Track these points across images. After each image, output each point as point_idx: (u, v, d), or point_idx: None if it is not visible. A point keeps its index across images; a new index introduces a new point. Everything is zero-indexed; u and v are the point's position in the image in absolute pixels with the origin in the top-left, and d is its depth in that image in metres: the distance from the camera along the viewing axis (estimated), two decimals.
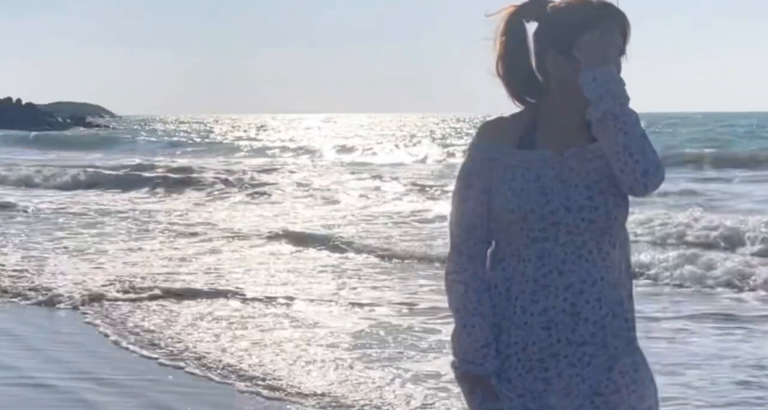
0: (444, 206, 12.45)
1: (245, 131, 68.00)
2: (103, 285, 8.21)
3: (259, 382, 5.34)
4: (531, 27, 2.23)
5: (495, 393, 2.22)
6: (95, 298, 7.71)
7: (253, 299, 7.72)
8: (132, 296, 7.81)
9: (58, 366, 5.83)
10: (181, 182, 19.95)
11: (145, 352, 6.05)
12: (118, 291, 7.97)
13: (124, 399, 5.16)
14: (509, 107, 2.29)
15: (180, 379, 5.52)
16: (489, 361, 2.22)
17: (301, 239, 11.14)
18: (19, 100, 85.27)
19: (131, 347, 6.21)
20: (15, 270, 9.02)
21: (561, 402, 2.19)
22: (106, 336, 6.56)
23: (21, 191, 19.31)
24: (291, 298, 7.74)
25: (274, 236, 11.48)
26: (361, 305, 7.47)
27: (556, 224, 2.16)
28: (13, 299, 7.80)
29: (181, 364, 5.78)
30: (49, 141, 45.13)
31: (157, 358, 5.93)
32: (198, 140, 47.02)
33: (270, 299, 7.70)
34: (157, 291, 7.93)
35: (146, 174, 21.34)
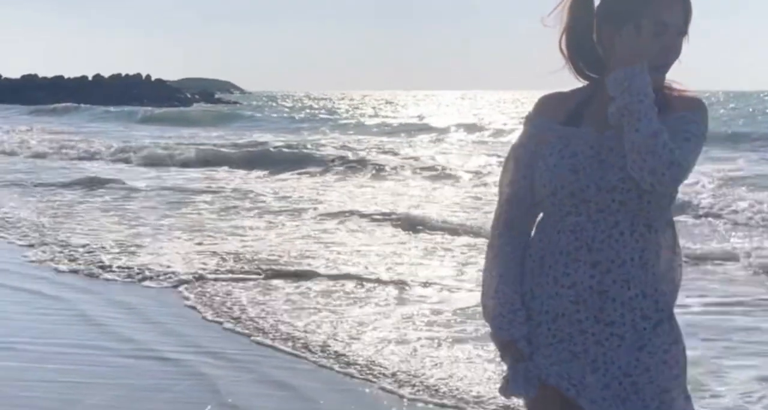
0: None
1: (374, 107, 68.34)
2: (215, 263, 8.68)
3: (391, 378, 5.43)
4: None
5: (524, 356, 2.36)
6: (202, 277, 8.10)
7: (369, 281, 7.96)
8: (242, 275, 8.16)
9: (175, 339, 6.32)
10: (299, 160, 20.19)
11: (259, 337, 6.34)
12: (228, 271, 8.34)
13: (237, 373, 5.57)
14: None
15: (289, 359, 5.87)
16: (515, 327, 2.36)
17: (418, 222, 11.21)
18: (148, 76, 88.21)
19: (237, 327, 6.63)
20: (134, 246, 9.67)
21: (589, 377, 2.30)
22: (217, 314, 7.01)
23: (135, 168, 20.11)
24: (403, 282, 7.91)
25: (391, 218, 11.58)
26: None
27: (587, 202, 2.26)
28: (128, 279, 8.24)
29: (289, 345, 6.15)
30: (166, 117, 45.99)
31: (265, 339, 6.34)
32: (323, 116, 47.40)
33: (386, 283, 7.91)
34: (268, 271, 8.26)
35: (262, 152, 21.70)
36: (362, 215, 11.93)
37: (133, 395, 5.16)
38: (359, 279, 8.01)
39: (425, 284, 7.84)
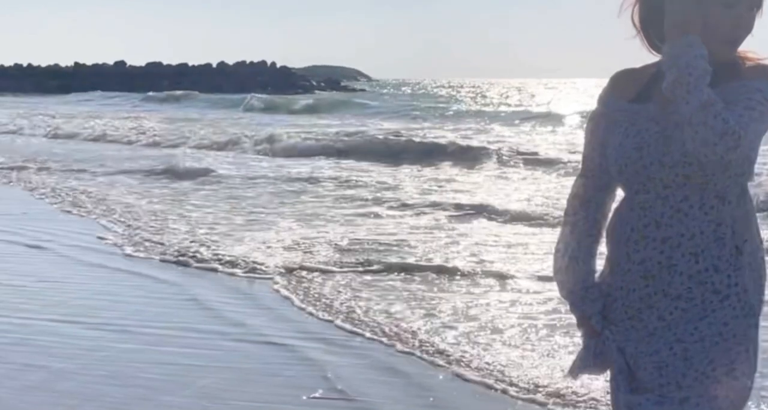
0: None
1: (505, 96, 67.85)
2: (326, 254, 8.90)
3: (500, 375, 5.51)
4: None
5: (596, 332, 2.45)
6: (309, 268, 8.28)
7: (486, 275, 8.02)
8: (351, 268, 8.30)
9: (285, 325, 6.53)
10: (422, 151, 19.83)
11: (367, 333, 6.45)
12: (334, 264, 8.46)
13: (347, 360, 5.73)
14: None
15: (400, 350, 6.02)
16: (587, 304, 2.46)
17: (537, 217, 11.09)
18: (273, 64, 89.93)
19: (345, 320, 6.81)
20: (245, 232, 9.98)
21: (639, 346, 2.37)
22: (326, 306, 7.20)
23: (243, 156, 20.52)
24: (504, 275, 7.94)
25: (516, 215, 11.35)
26: None
27: (652, 179, 2.31)
28: (234, 270, 8.47)
29: (393, 341, 6.30)
30: (280, 105, 46.45)
31: (372, 334, 6.50)
32: (446, 105, 47.00)
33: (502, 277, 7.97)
34: (379, 265, 8.35)
35: (378, 141, 21.39)
36: (492, 212, 11.66)
37: (245, 378, 5.36)
38: (480, 274, 8.07)
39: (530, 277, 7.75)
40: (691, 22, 2.23)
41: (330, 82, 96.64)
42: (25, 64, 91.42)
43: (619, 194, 2.46)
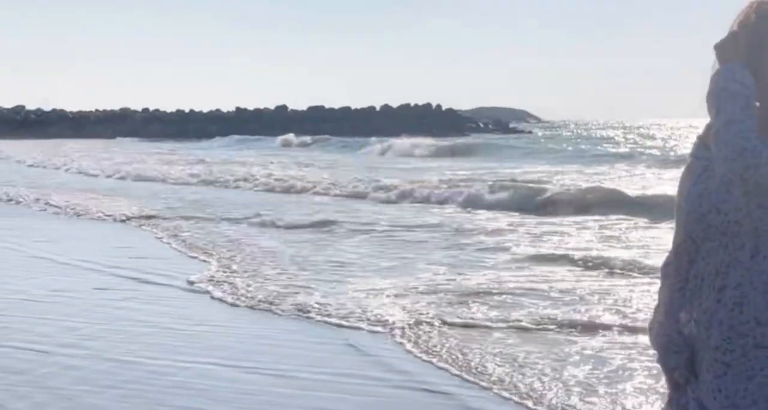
0: None
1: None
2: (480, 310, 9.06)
3: None
4: None
5: (679, 386, 2.50)
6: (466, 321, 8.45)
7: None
8: (508, 324, 8.32)
9: (442, 373, 6.70)
10: (601, 202, 18.04)
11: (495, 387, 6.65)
12: (492, 320, 8.64)
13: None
14: None
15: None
16: (670, 357, 2.50)
17: None
18: (439, 106, 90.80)
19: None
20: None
21: (692, 405, 2.45)
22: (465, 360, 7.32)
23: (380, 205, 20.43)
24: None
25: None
26: None
27: (711, 226, 2.39)
28: (392, 319, 8.77)
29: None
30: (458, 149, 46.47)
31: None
32: (641, 150, 44.47)
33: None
34: (553, 325, 8.24)
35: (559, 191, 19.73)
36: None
37: None
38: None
39: None
40: (730, 51, 2.35)
41: (498, 125, 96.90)
42: (187, 110, 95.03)
43: None
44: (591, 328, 7.82)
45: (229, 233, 14.75)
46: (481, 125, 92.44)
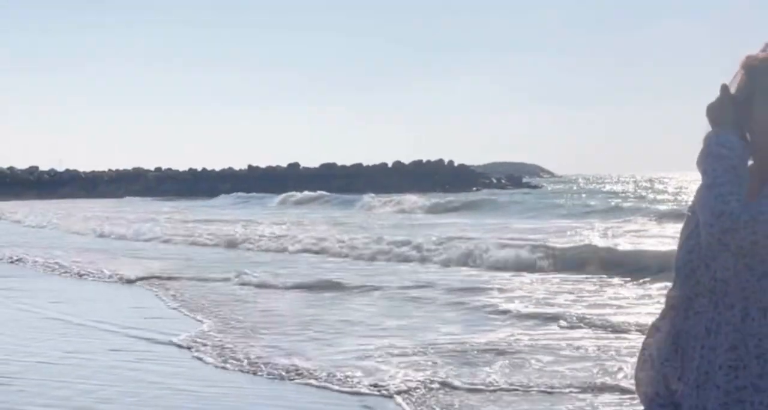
0: None
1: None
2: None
3: None
4: None
5: None
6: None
7: None
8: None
9: None
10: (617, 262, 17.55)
11: None
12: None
13: None
14: None
15: None
16: (655, 409, 2.50)
17: None
18: (451, 162, 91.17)
19: None
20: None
21: None
22: None
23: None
24: None
25: None
26: None
27: (700, 283, 2.40)
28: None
29: None
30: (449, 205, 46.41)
31: None
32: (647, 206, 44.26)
33: None
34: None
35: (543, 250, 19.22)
36: None
37: None
38: None
39: None
40: (720, 115, 2.41)
41: (512, 179, 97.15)
42: (199, 169, 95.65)
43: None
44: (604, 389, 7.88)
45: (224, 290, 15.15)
46: (494, 181, 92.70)
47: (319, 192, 62.82)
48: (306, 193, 62.66)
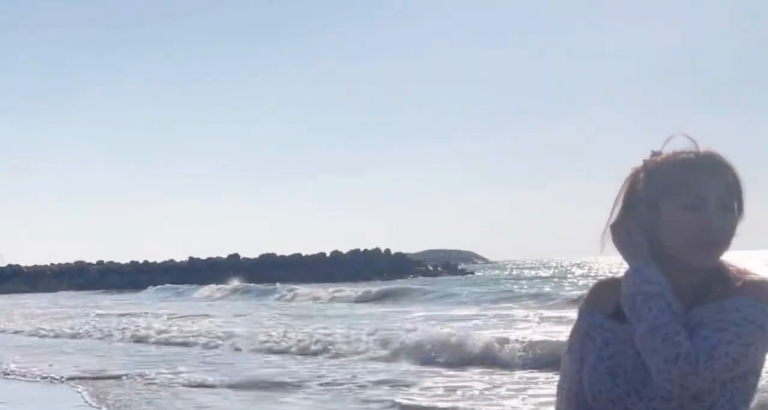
0: None
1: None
2: None
3: None
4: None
5: None
6: None
7: None
8: None
9: None
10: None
11: None
12: None
13: None
14: None
15: None
16: None
17: None
18: (388, 250, 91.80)
19: None
20: None
21: None
22: None
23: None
24: None
25: None
26: None
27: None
28: None
29: None
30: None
31: None
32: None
33: None
34: None
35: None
36: None
37: None
38: None
39: None
40: (634, 250, 2.26)
41: (447, 266, 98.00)
42: (141, 261, 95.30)
43: None
44: None
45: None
46: (431, 268, 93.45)
47: (233, 284, 62.15)
48: (228, 285, 62.01)
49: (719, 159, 2.27)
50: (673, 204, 2.23)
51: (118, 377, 16.91)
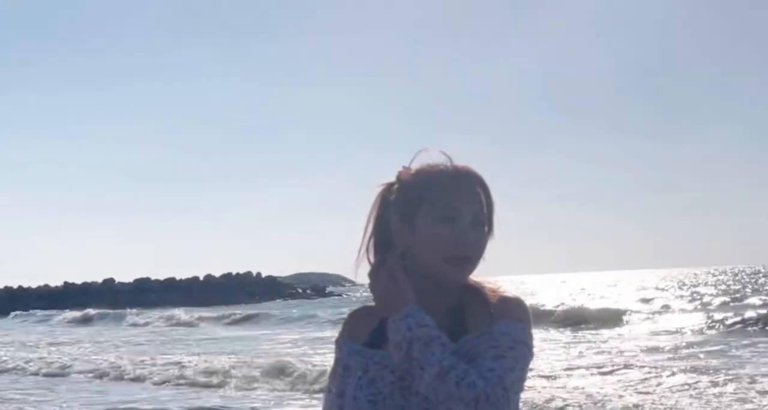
0: None
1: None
2: None
3: None
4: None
5: None
6: None
7: None
8: None
9: None
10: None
11: None
12: None
13: None
14: None
15: None
16: None
17: None
18: (259, 274, 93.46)
19: None
20: None
21: None
22: None
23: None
24: None
25: None
26: None
27: None
28: None
29: None
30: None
31: None
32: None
33: None
34: None
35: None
36: None
37: None
38: None
39: None
40: (399, 294, 2.14)
41: (316, 289, 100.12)
42: (15, 287, 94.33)
43: None
44: None
45: None
46: (300, 291, 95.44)
47: (86, 311, 59.68)
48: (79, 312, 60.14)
49: (475, 174, 2.23)
50: (429, 216, 2.17)
51: None
